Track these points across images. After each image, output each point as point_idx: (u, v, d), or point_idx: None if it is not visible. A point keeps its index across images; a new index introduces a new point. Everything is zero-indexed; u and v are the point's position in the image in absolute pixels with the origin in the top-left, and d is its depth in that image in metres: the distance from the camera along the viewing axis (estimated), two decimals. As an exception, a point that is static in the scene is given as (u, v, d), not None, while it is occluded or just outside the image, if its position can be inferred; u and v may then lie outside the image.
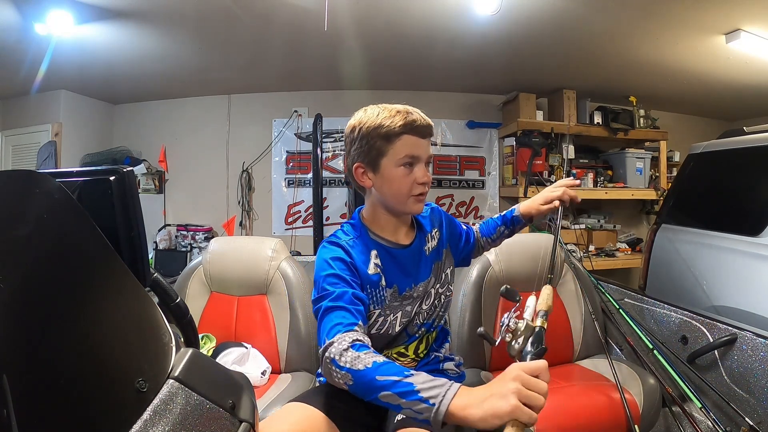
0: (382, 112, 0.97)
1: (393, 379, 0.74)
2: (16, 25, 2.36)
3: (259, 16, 2.41)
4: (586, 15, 2.41)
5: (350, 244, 1.00)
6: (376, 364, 0.76)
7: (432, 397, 0.70)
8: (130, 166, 1.67)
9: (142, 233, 0.60)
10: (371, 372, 0.75)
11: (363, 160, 0.98)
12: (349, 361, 0.77)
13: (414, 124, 0.95)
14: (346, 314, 0.86)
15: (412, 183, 0.97)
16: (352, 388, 0.78)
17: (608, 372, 1.44)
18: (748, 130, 2.27)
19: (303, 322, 1.63)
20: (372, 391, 0.75)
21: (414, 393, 0.71)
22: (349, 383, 0.77)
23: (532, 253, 1.74)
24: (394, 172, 0.96)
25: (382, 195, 1.00)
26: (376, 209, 1.04)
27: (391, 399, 0.73)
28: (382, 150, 0.96)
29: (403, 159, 0.95)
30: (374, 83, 3.56)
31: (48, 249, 0.46)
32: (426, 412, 0.70)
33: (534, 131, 3.48)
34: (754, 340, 1.31)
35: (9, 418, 0.35)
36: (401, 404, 0.72)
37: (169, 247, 3.77)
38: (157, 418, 0.47)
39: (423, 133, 0.97)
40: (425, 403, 0.70)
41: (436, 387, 0.71)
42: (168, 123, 3.96)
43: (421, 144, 0.97)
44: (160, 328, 0.57)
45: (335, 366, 0.78)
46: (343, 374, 0.77)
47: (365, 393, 0.77)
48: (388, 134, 0.94)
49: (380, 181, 0.98)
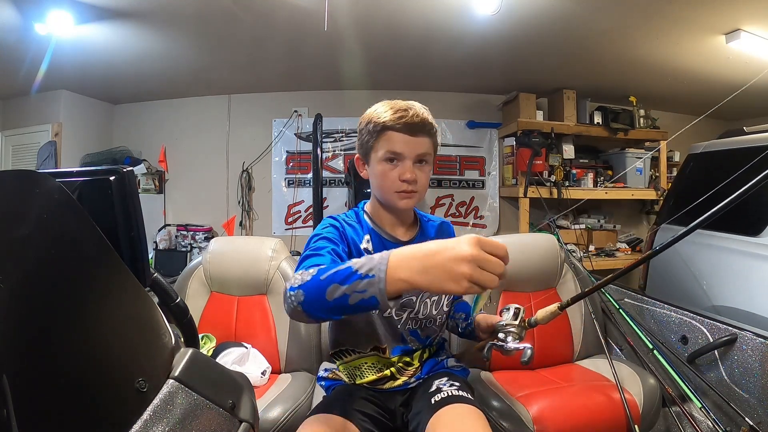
0: (381, 107, 0.99)
1: (332, 271, 0.70)
2: (16, 25, 2.36)
3: (259, 16, 2.41)
4: (586, 15, 2.41)
5: (347, 222, 1.04)
6: (320, 269, 0.73)
7: (370, 270, 0.66)
8: (130, 166, 1.67)
9: (142, 233, 0.60)
10: (316, 276, 0.71)
11: (360, 152, 1.04)
12: (300, 279, 0.73)
13: (400, 120, 0.94)
14: (320, 259, 0.85)
15: (394, 179, 0.98)
16: (306, 304, 0.72)
17: (608, 372, 1.44)
18: (748, 130, 2.27)
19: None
20: (320, 294, 0.69)
21: (353, 274, 0.67)
22: (301, 300, 0.72)
23: (532, 253, 1.74)
24: (378, 167, 0.99)
25: (373, 187, 1.04)
26: (374, 201, 1.08)
27: (336, 291, 0.68)
28: (369, 144, 0.99)
29: (384, 154, 0.97)
30: (374, 83, 3.56)
31: (48, 249, 0.46)
32: (369, 288, 0.65)
33: (534, 131, 3.48)
34: (754, 340, 1.31)
35: (9, 418, 0.35)
36: (345, 292, 0.67)
37: (169, 247, 3.77)
38: (157, 418, 0.47)
39: (412, 130, 0.95)
40: (366, 278, 0.66)
41: (372, 261, 0.67)
42: (168, 123, 3.96)
43: (406, 141, 0.96)
44: (160, 328, 0.57)
45: (290, 291, 0.74)
46: (296, 293, 0.72)
47: (317, 301, 0.70)
48: (375, 130, 0.97)
49: (371, 175, 1.02)
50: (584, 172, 3.69)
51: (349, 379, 1.09)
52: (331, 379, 1.12)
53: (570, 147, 3.63)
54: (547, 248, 1.78)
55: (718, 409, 1.37)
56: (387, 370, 1.06)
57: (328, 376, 1.13)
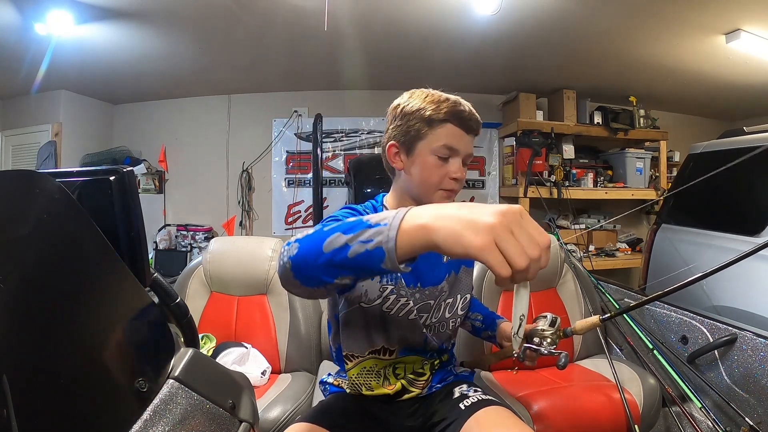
0: (430, 95, 0.92)
1: (339, 222, 0.60)
2: (16, 25, 2.36)
3: (259, 16, 2.41)
4: (586, 15, 2.41)
5: (366, 211, 0.95)
6: (326, 224, 0.64)
7: (383, 218, 0.56)
8: (130, 166, 1.67)
9: (142, 233, 0.60)
10: (319, 230, 0.62)
11: (399, 139, 0.92)
12: (300, 235, 0.65)
13: (461, 114, 0.90)
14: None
15: (443, 175, 0.91)
16: (296, 258, 0.62)
17: (608, 372, 1.44)
18: (748, 130, 2.27)
19: (303, 322, 1.62)
20: (316, 244, 0.59)
21: (362, 223, 0.57)
22: (293, 253, 0.62)
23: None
24: (428, 159, 0.90)
25: (410, 180, 0.94)
26: (401, 195, 0.98)
27: (336, 241, 0.57)
28: (420, 133, 0.90)
29: (440, 148, 0.89)
30: (374, 83, 3.56)
31: (48, 249, 0.46)
32: (377, 236, 0.54)
33: (534, 131, 3.48)
34: (754, 340, 1.31)
35: (9, 418, 0.35)
36: (347, 242, 0.56)
37: (169, 247, 3.77)
38: (157, 418, 0.47)
39: (468, 127, 0.91)
40: (375, 227, 0.55)
41: (390, 213, 0.56)
42: (168, 123, 3.96)
43: (463, 137, 0.91)
44: (160, 328, 0.57)
45: (284, 247, 0.65)
46: (290, 248, 0.63)
47: (309, 253, 0.60)
48: (431, 118, 0.88)
49: (411, 165, 0.92)
50: (584, 172, 3.69)
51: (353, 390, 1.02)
52: (334, 386, 1.07)
53: (570, 147, 3.63)
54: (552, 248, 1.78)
55: (718, 409, 1.37)
56: (398, 382, 1.00)
57: (332, 381, 1.08)
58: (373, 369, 1.00)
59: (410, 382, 1.01)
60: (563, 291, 1.77)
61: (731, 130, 2.42)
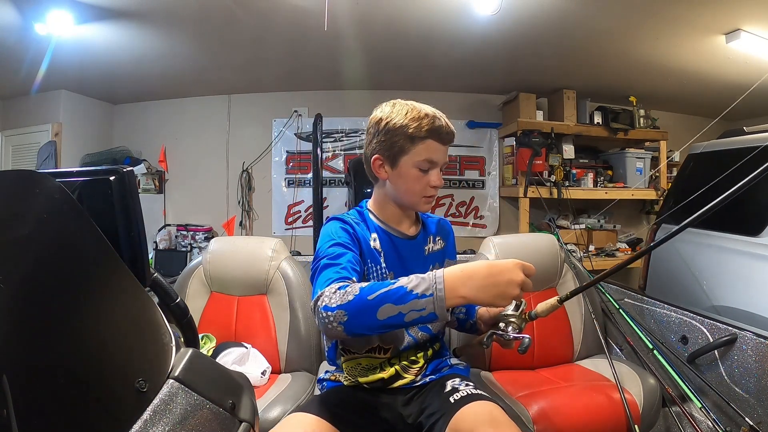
0: (411, 111, 1.00)
1: (382, 291, 0.75)
2: (16, 25, 2.36)
3: (259, 16, 2.41)
4: (586, 15, 2.41)
5: (355, 221, 1.06)
6: (363, 289, 0.77)
7: (426, 289, 0.74)
8: (130, 166, 1.67)
9: (142, 233, 0.60)
10: (360, 297, 0.76)
11: (383, 153, 1.02)
12: (339, 299, 0.77)
13: (440, 130, 0.99)
14: (342, 270, 0.88)
15: (425, 185, 1.02)
16: (350, 324, 0.76)
17: (608, 372, 1.44)
18: (748, 130, 2.27)
19: (303, 322, 1.63)
20: (368, 313, 0.75)
21: (408, 294, 0.74)
22: (344, 320, 0.76)
23: (532, 252, 1.74)
24: (411, 172, 1.00)
25: (395, 190, 1.04)
26: (384, 200, 1.09)
27: (391, 311, 0.74)
28: (404, 148, 0.99)
29: (421, 162, 0.99)
30: (374, 83, 3.56)
31: (48, 249, 0.46)
32: (429, 306, 0.73)
33: (534, 131, 3.48)
34: (754, 340, 1.31)
35: (9, 418, 0.35)
36: (401, 311, 0.74)
37: (169, 247, 3.77)
38: (157, 418, 0.47)
39: (445, 140, 1.02)
40: (424, 297, 0.73)
41: (424, 281, 0.75)
42: (168, 123, 3.96)
43: (440, 150, 1.02)
44: (160, 328, 0.57)
45: (328, 311, 0.77)
46: (335, 314, 0.76)
47: (363, 320, 0.76)
48: (413, 136, 0.98)
49: (396, 177, 1.02)
50: (584, 172, 3.69)
51: (350, 380, 1.08)
52: (331, 381, 1.12)
53: (570, 147, 3.63)
54: (548, 248, 1.78)
55: (718, 409, 1.37)
56: (392, 368, 1.05)
57: (328, 377, 1.13)
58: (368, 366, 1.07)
59: (404, 369, 1.07)
60: (563, 291, 1.75)
61: (731, 130, 2.42)
